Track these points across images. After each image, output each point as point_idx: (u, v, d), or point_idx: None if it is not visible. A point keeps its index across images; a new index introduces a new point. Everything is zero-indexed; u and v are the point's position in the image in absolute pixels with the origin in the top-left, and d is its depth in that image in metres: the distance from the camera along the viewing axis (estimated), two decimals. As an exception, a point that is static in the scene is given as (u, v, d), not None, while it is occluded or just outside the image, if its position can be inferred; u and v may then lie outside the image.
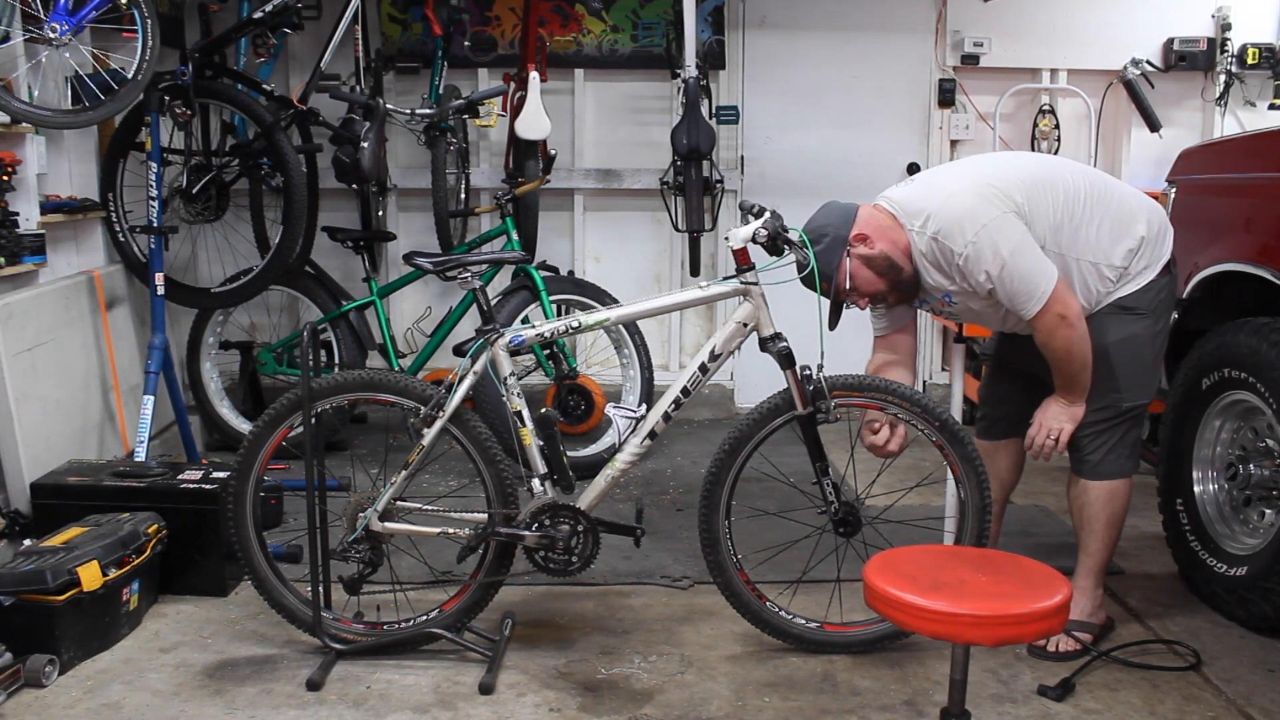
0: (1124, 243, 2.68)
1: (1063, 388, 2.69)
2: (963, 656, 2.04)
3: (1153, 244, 2.71)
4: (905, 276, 2.65)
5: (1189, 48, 5.16)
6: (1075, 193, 2.66)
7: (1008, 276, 2.52)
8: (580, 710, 2.50)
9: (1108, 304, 2.71)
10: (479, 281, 2.72)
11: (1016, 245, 2.53)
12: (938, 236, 2.58)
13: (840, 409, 2.66)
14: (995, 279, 2.53)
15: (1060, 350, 2.59)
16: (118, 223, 3.99)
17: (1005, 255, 2.51)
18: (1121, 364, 2.71)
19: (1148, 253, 2.71)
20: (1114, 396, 2.72)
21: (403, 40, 5.09)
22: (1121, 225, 2.69)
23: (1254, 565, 2.86)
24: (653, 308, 2.77)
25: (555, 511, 2.69)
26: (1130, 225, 2.69)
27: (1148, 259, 2.71)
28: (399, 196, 5.18)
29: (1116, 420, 2.75)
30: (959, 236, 2.54)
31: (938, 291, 2.70)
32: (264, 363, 4.65)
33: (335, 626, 2.76)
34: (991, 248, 2.51)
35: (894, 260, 2.62)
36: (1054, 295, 2.53)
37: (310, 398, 2.64)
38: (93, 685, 2.59)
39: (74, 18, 3.17)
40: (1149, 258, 2.71)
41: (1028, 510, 3.94)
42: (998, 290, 2.56)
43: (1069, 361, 2.61)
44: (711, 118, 4.68)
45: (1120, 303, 2.71)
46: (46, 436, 3.35)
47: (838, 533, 2.73)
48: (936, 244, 2.59)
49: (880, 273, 2.63)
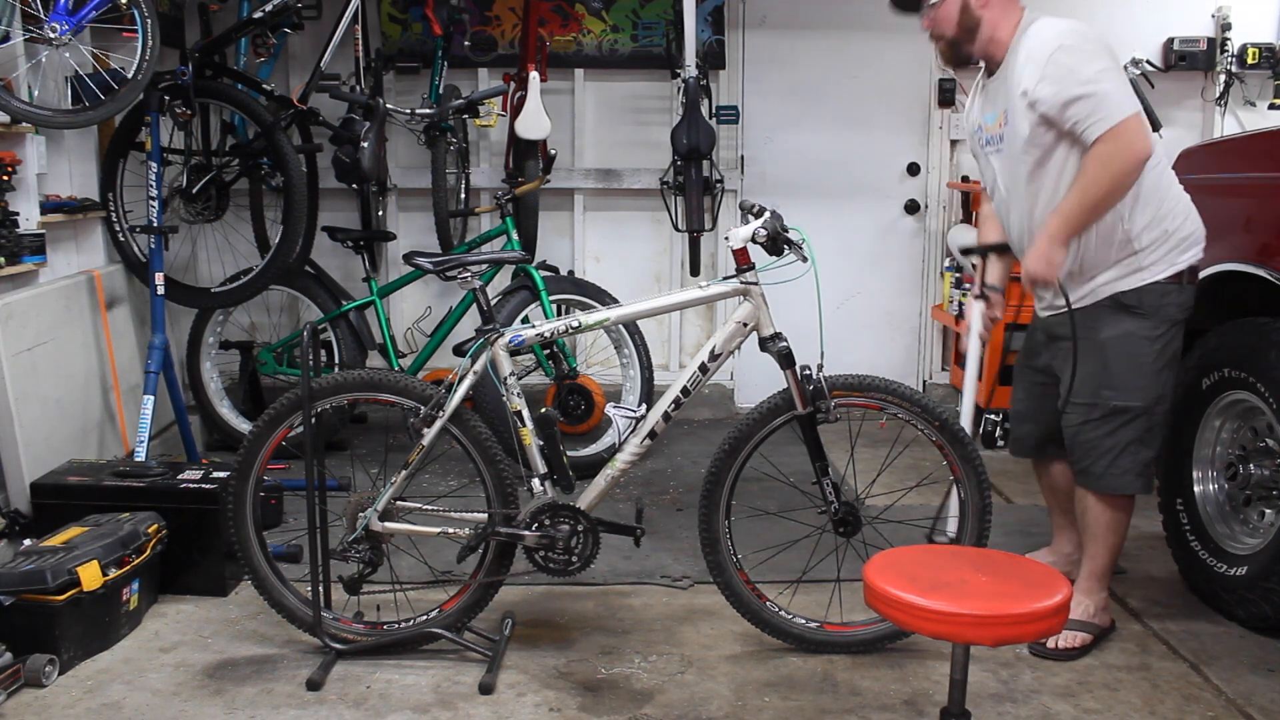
0: (1156, 225, 2.65)
1: (1061, 213, 2.57)
2: (963, 656, 2.04)
3: (1177, 244, 2.68)
4: (974, 47, 2.72)
5: (1189, 47, 5.15)
6: (1158, 156, 2.64)
7: (1095, 82, 2.51)
8: (580, 710, 2.50)
9: (1106, 297, 2.70)
10: (479, 281, 2.72)
11: (1112, 64, 2.55)
12: (1047, 26, 2.59)
13: (840, 409, 2.66)
14: (1082, 81, 2.51)
15: (1100, 175, 2.51)
16: (118, 222, 3.99)
17: (1101, 65, 2.53)
18: (1114, 360, 2.69)
19: (1166, 248, 2.67)
20: (1104, 393, 2.71)
21: (403, 40, 5.09)
22: (1165, 210, 2.67)
23: (1254, 565, 2.86)
24: (653, 307, 2.77)
25: (555, 511, 2.69)
26: (1171, 216, 2.67)
27: (1163, 254, 2.67)
28: (399, 196, 5.18)
29: (1105, 418, 2.72)
30: (1069, 32, 2.57)
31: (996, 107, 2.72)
32: (264, 362, 4.65)
33: (335, 626, 2.76)
34: (1092, 54, 2.54)
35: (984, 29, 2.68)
36: (1129, 123, 2.49)
37: (310, 398, 2.64)
38: (93, 685, 2.60)
39: (74, 18, 3.17)
40: (1165, 254, 2.67)
41: (1028, 510, 3.94)
42: (1078, 98, 2.51)
43: (1097, 187, 2.52)
44: (711, 118, 4.68)
45: (1120, 298, 2.69)
46: (46, 436, 3.35)
47: (838, 533, 2.73)
48: (1041, 30, 2.59)
49: (961, 25, 2.69)
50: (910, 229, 5.43)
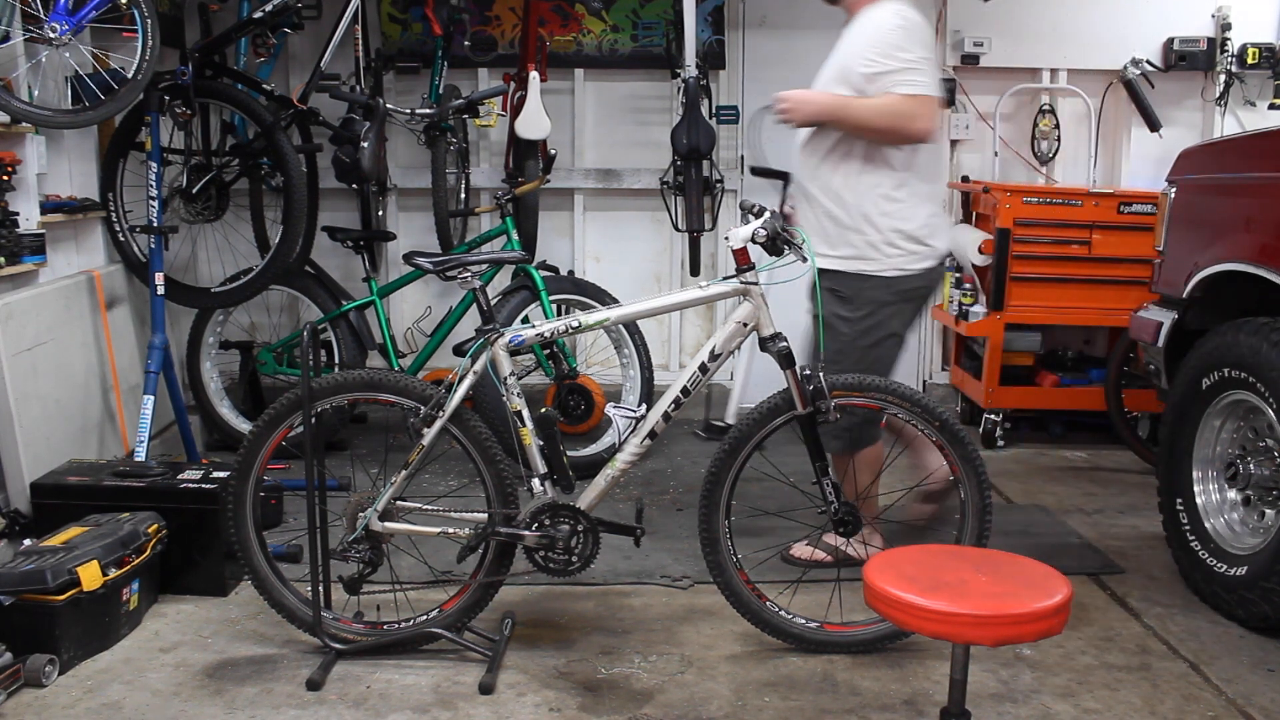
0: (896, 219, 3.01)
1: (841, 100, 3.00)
2: (963, 656, 2.04)
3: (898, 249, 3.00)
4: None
5: (1189, 47, 5.15)
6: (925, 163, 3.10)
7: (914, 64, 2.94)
8: (580, 710, 2.50)
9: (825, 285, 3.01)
10: (479, 281, 2.72)
11: (930, 57, 3.01)
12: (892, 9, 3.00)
13: (840, 409, 2.66)
14: (904, 60, 2.93)
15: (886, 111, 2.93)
16: (118, 222, 3.99)
17: (923, 53, 2.99)
18: (828, 335, 2.90)
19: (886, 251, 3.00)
20: (814, 361, 2.88)
21: (403, 40, 5.09)
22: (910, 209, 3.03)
23: (1254, 565, 2.87)
24: (653, 307, 2.77)
25: (555, 511, 2.69)
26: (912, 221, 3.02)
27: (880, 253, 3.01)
28: (399, 196, 5.18)
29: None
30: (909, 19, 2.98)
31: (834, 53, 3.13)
32: (264, 362, 4.65)
33: (335, 626, 2.76)
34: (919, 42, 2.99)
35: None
36: (930, 101, 2.95)
37: (310, 398, 2.64)
38: (93, 685, 2.59)
39: (74, 18, 3.17)
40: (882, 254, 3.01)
41: (1028, 510, 3.94)
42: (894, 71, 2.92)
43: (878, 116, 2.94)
44: (711, 118, 4.68)
45: (835, 287, 3.04)
46: (46, 436, 3.35)
47: (838, 533, 2.73)
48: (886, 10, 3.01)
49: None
50: (910, 229, 5.42)
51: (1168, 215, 3.47)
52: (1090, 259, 4.68)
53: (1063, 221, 4.66)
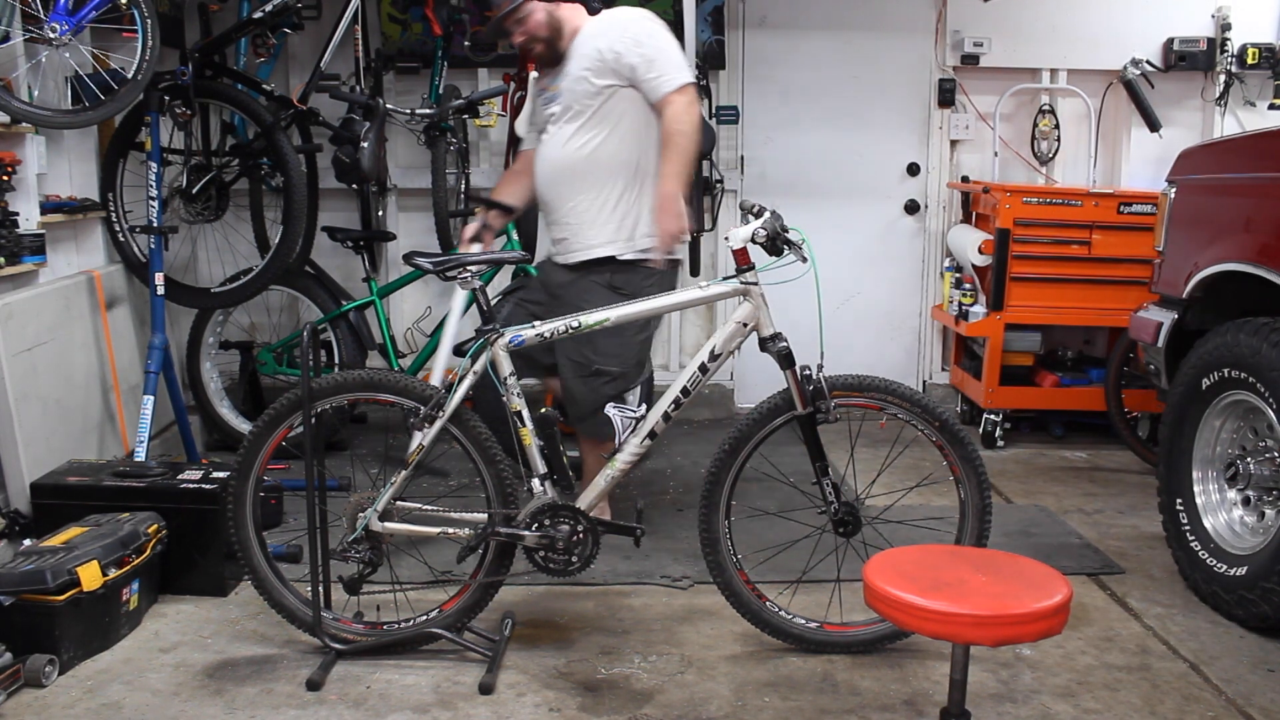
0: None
1: (668, 173, 3.12)
2: (963, 656, 2.04)
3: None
4: (559, 48, 3.24)
5: (1189, 48, 5.15)
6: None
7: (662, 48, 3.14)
8: (580, 710, 2.50)
9: (603, 281, 3.22)
10: (479, 281, 2.72)
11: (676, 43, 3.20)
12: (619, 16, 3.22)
13: (840, 409, 2.66)
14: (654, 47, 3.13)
15: (690, 126, 3.12)
16: (118, 223, 3.99)
17: (666, 38, 3.18)
18: (602, 333, 2.81)
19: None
20: (588, 355, 3.21)
21: (403, 40, 5.08)
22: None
23: (1254, 565, 2.87)
24: (652, 308, 2.77)
25: (555, 511, 2.69)
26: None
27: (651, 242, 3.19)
28: (399, 196, 5.17)
29: (588, 376, 3.25)
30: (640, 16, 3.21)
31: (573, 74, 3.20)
32: (264, 363, 4.65)
33: (335, 626, 2.76)
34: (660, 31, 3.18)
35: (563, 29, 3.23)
36: (692, 88, 3.15)
37: (310, 398, 2.64)
38: (93, 685, 2.59)
39: (74, 18, 3.17)
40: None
41: (1028, 510, 3.94)
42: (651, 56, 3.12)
43: (693, 138, 3.14)
44: (711, 118, 4.68)
45: (614, 282, 3.21)
46: (46, 436, 3.35)
47: (838, 533, 2.73)
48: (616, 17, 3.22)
49: (550, 26, 3.21)
50: (910, 229, 5.43)
51: (1167, 215, 3.47)
52: (1090, 259, 4.68)
53: (1062, 222, 4.66)
